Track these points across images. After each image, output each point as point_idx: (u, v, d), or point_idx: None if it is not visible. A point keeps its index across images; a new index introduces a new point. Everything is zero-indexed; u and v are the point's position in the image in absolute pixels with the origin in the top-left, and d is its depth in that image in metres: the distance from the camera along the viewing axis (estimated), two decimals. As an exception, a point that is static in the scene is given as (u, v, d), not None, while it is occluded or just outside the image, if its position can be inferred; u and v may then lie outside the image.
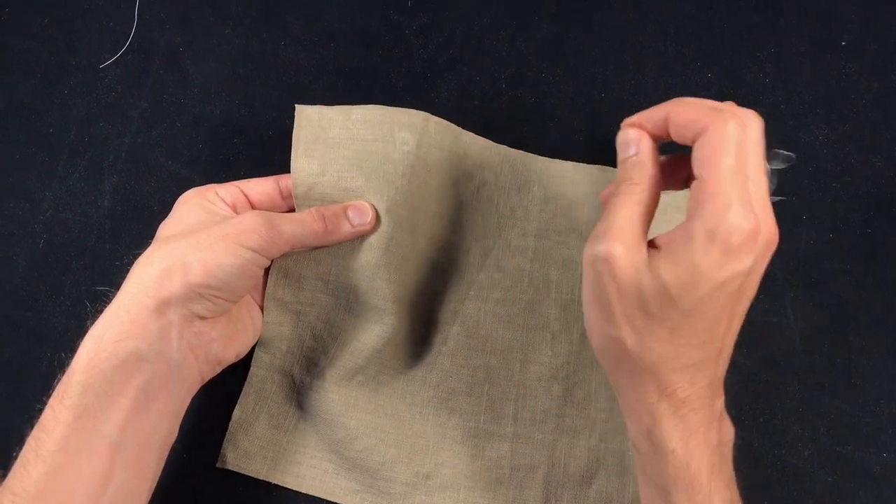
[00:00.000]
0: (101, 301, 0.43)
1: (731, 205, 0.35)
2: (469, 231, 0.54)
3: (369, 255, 0.49)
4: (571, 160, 0.57)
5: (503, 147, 0.57)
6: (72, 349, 0.41)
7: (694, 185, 0.36)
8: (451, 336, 0.53)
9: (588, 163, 0.57)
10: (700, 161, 0.36)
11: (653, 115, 0.40)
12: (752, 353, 0.52)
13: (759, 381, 0.52)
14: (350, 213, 0.48)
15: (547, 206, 0.56)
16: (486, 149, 0.56)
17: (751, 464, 0.50)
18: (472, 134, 0.55)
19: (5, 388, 0.54)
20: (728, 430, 0.40)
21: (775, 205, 0.37)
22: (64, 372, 0.41)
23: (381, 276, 0.49)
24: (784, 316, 0.53)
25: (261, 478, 0.50)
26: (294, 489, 0.50)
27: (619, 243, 0.37)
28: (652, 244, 0.38)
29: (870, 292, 0.54)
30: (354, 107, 0.50)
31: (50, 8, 0.66)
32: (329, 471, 0.50)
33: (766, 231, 0.35)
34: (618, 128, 0.58)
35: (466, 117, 0.55)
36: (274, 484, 0.50)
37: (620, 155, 0.41)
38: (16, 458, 0.40)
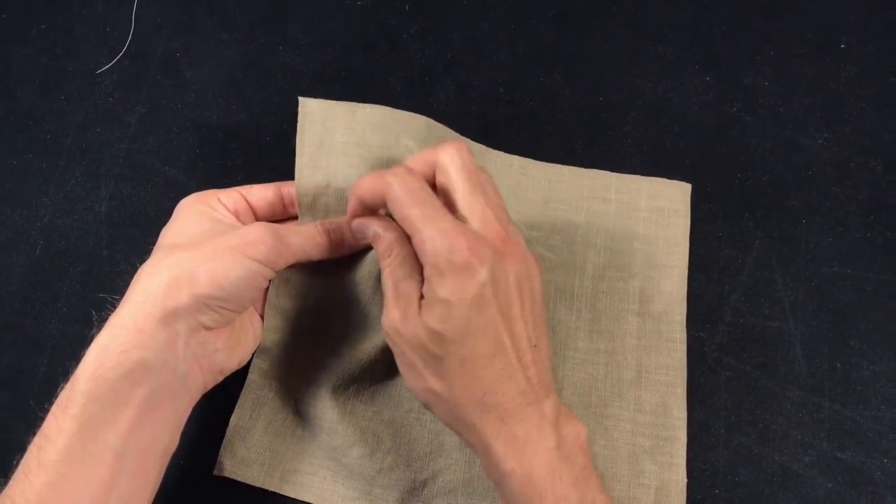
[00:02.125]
0: (104, 308, 0.42)
1: (437, 236, 0.38)
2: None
3: (371, 266, 0.48)
4: (570, 165, 0.57)
5: (501, 153, 0.57)
6: (69, 356, 0.41)
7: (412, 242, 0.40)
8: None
9: (586, 167, 0.57)
10: (402, 226, 0.41)
11: (353, 203, 0.44)
12: (752, 357, 0.52)
13: (759, 386, 0.51)
14: (352, 227, 0.48)
15: (546, 211, 0.55)
16: (485, 156, 0.56)
17: (751, 469, 0.50)
18: (470, 140, 0.55)
19: (3, 394, 0.54)
20: (572, 429, 0.41)
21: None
22: (67, 380, 0.41)
23: (381, 286, 0.49)
24: (784, 320, 0.53)
25: (258, 485, 0.50)
26: (291, 496, 0.50)
27: (396, 312, 0.41)
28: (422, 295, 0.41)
29: (870, 297, 0.53)
30: (359, 105, 0.50)
31: (47, 14, 0.66)
32: (327, 478, 0.50)
33: (490, 239, 0.40)
34: (618, 132, 0.59)
35: (465, 122, 0.55)
36: (271, 491, 0.50)
37: (365, 241, 0.46)
38: (16, 465, 0.40)
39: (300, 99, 0.49)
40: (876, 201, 0.56)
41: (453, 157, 0.41)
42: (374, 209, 0.44)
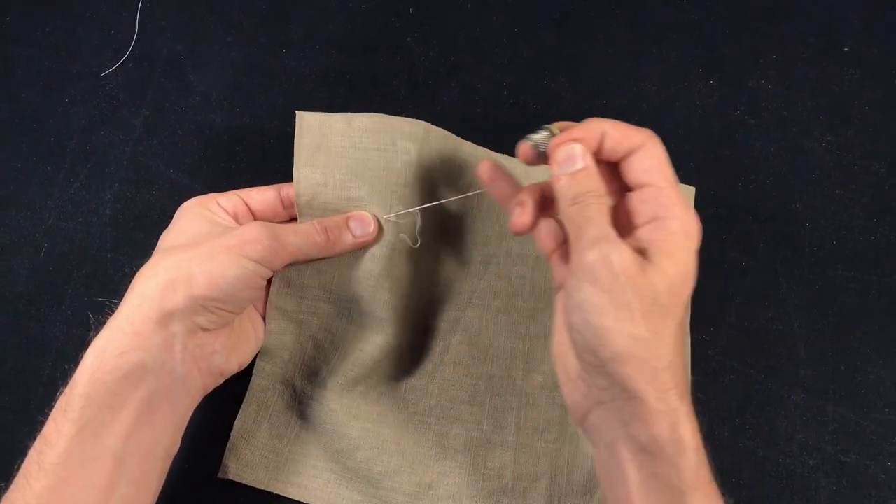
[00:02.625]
0: (103, 312, 0.42)
1: (688, 207, 0.39)
2: (470, 239, 0.54)
3: (371, 265, 0.48)
4: (574, 168, 0.57)
5: (503, 156, 0.57)
6: (73, 359, 0.41)
7: (649, 191, 0.39)
8: (452, 345, 0.53)
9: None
10: (647, 170, 0.40)
11: (587, 131, 0.40)
12: (757, 361, 0.52)
13: (764, 389, 0.51)
14: (352, 224, 0.48)
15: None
16: (486, 158, 0.56)
17: (755, 472, 0.50)
18: (471, 143, 0.55)
19: (6, 397, 0.54)
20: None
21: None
22: (66, 384, 0.41)
23: (382, 286, 0.49)
24: (788, 324, 0.53)
25: (262, 488, 0.50)
26: (296, 499, 0.50)
27: (623, 244, 0.37)
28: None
29: (874, 300, 0.54)
30: (356, 114, 0.50)
31: (51, 16, 0.67)
32: (331, 481, 0.50)
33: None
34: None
35: (468, 124, 0.55)
36: (276, 494, 0.50)
37: (567, 168, 0.40)
38: (17, 470, 0.40)
39: (298, 113, 0.50)
40: (879, 204, 0.56)
41: (658, 146, 0.41)
42: (597, 154, 0.41)
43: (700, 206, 0.56)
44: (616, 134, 0.40)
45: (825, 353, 0.52)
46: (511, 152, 0.57)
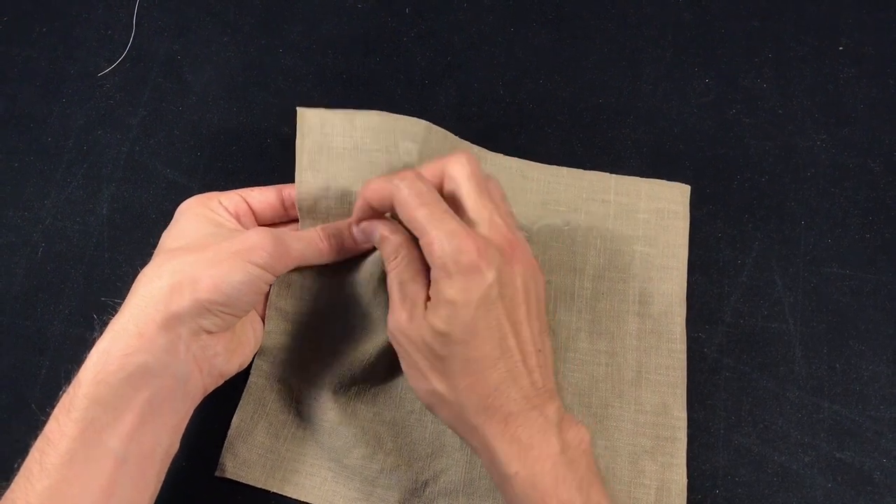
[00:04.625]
0: (107, 312, 0.43)
1: (446, 237, 0.39)
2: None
3: (372, 267, 0.49)
4: (569, 166, 0.57)
5: (500, 155, 0.57)
6: (71, 358, 0.41)
7: (420, 243, 0.41)
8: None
9: (585, 169, 0.57)
10: (409, 227, 0.41)
11: (360, 206, 0.44)
12: (752, 359, 0.52)
13: (759, 386, 0.52)
14: (354, 231, 0.48)
15: (545, 213, 0.56)
16: (483, 157, 0.56)
17: (750, 470, 0.50)
18: (468, 143, 0.55)
19: (4, 396, 0.54)
20: (575, 433, 0.41)
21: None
22: (69, 383, 0.41)
23: (382, 288, 0.49)
24: (783, 321, 0.53)
25: (259, 486, 0.50)
26: (293, 497, 0.50)
27: (398, 314, 0.41)
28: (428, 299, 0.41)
29: (869, 297, 0.54)
30: (357, 112, 0.50)
31: (48, 16, 0.67)
32: (328, 479, 0.50)
33: (497, 242, 0.40)
34: (617, 134, 0.59)
35: (465, 124, 0.55)
36: (272, 492, 0.50)
37: (371, 244, 0.46)
38: (17, 468, 0.40)
39: (298, 109, 0.50)
40: (875, 202, 0.56)
41: (462, 164, 0.42)
42: (381, 212, 0.44)
43: (695, 204, 0.56)
44: (373, 198, 0.43)
45: (820, 351, 0.52)
46: (507, 152, 0.57)
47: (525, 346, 0.40)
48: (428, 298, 0.41)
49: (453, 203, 0.42)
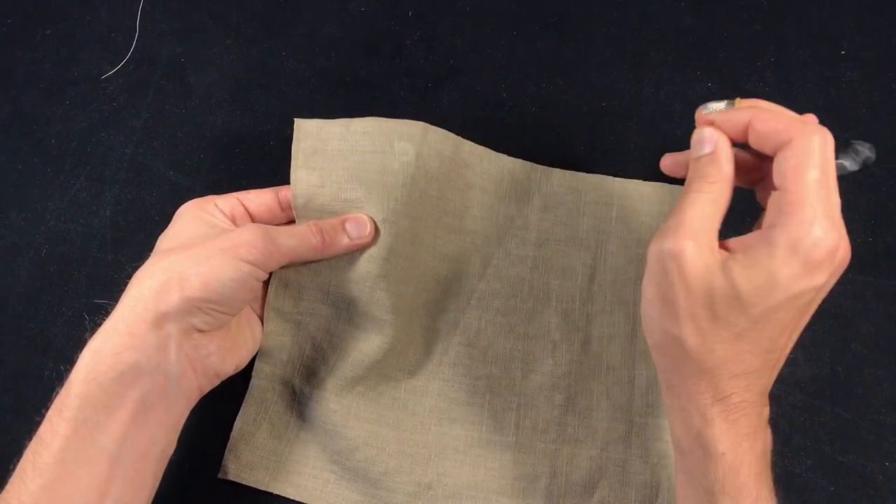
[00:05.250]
0: (100, 314, 0.43)
1: (816, 219, 0.35)
2: (469, 240, 0.54)
3: (369, 266, 0.49)
4: (571, 170, 0.57)
5: (503, 156, 0.57)
6: (73, 360, 0.41)
7: (776, 194, 0.36)
8: (451, 346, 0.53)
9: (588, 172, 0.57)
10: (784, 172, 0.36)
11: (732, 117, 0.39)
12: (754, 362, 0.52)
13: (761, 390, 0.52)
14: (348, 227, 0.48)
15: (546, 216, 0.56)
16: (486, 158, 0.56)
17: (753, 473, 0.50)
18: (472, 143, 0.55)
19: (6, 398, 0.54)
20: (770, 440, 0.40)
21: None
22: (62, 384, 0.41)
23: (381, 287, 0.49)
24: (785, 325, 0.53)
25: (262, 488, 0.50)
26: (295, 500, 0.50)
27: (690, 241, 0.37)
28: (724, 246, 0.38)
29: (871, 301, 0.54)
30: (354, 119, 0.50)
31: (52, 19, 0.67)
32: (331, 481, 0.50)
33: (844, 248, 0.36)
34: (620, 137, 0.59)
35: (467, 127, 0.55)
36: (275, 494, 0.50)
37: (694, 152, 0.40)
38: (12, 469, 0.40)
39: (296, 121, 0.50)
40: (876, 206, 0.56)
41: (824, 144, 0.36)
42: (734, 139, 0.40)
43: (698, 207, 0.56)
44: (763, 126, 0.38)
45: (823, 355, 0.52)
46: (509, 154, 0.57)
47: (785, 350, 0.39)
48: (724, 247, 0.38)
49: (788, 173, 0.36)
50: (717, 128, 0.40)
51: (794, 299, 0.36)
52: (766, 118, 0.38)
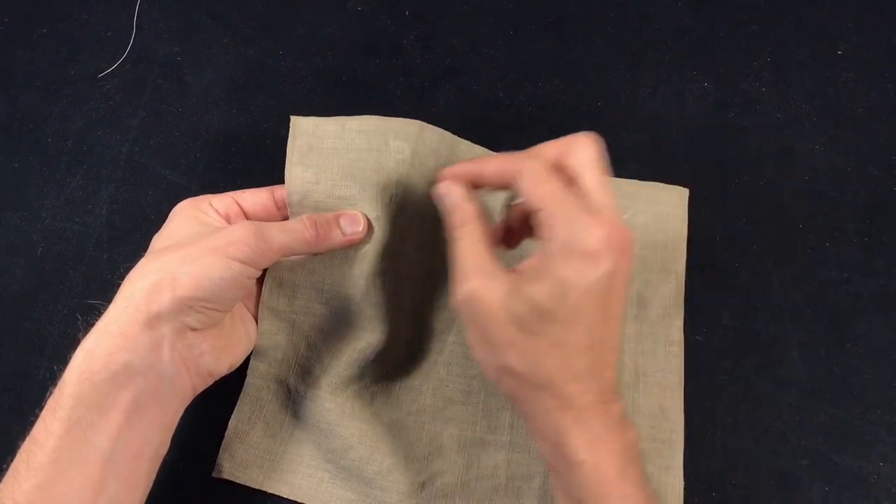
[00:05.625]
0: (92, 314, 0.43)
1: (571, 218, 0.38)
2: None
3: (363, 264, 0.49)
4: (568, 169, 0.57)
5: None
6: (68, 360, 0.41)
7: (537, 216, 0.40)
8: (447, 345, 0.53)
9: (585, 172, 0.57)
10: (528, 196, 0.40)
11: (459, 171, 0.44)
12: (750, 362, 0.52)
13: (757, 389, 0.52)
14: (342, 222, 0.48)
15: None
16: (486, 156, 0.56)
17: (748, 472, 0.50)
18: (468, 142, 0.55)
19: (2, 397, 0.54)
20: (632, 434, 0.41)
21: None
22: (56, 384, 0.41)
23: (375, 285, 0.49)
24: (781, 325, 0.53)
25: (256, 487, 0.50)
26: (290, 498, 0.50)
27: (474, 281, 0.40)
28: (514, 271, 0.40)
29: (867, 301, 0.54)
30: (349, 118, 0.50)
31: (49, 18, 0.67)
32: (325, 480, 0.50)
33: (618, 235, 0.38)
34: (617, 137, 0.59)
35: (464, 126, 0.55)
36: (270, 493, 0.50)
37: (442, 207, 0.45)
38: (6, 470, 0.40)
39: (292, 118, 0.50)
40: (873, 206, 0.56)
41: (589, 147, 0.41)
42: (475, 186, 0.44)
43: (694, 207, 0.56)
44: (490, 170, 0.43)
45: (818, 354, 0.52)
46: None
47: (611, 341, 0.40)
48: (511, 271, 0.40)
49: (571, 183, 0.41)
50: (453, 180, 0.44)
51: (590, 291, 0.38)
52: (488, 162, 0.43)
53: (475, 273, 0.40)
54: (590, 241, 0.37)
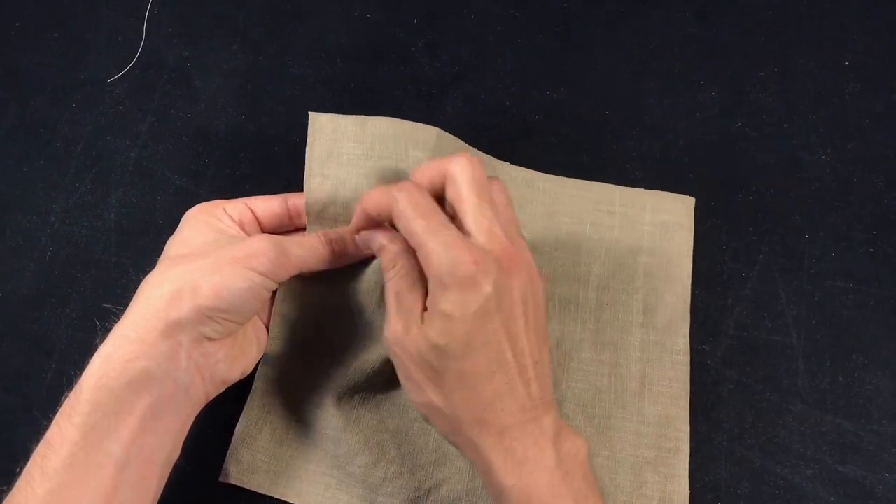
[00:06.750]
0: (108, 319, 0.43)
1: (435, 252, 0.38)
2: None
3: (376, 276, 0.49)
4: (575, 178, 0.57)
5: (506, 164, 0.57)
6: (77, 362, 0.42)
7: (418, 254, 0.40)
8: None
9: (591, 180, 0.57)
10: (407, 239, 0.41)
11: (359, 215, 0.45)
12: (755, 371, 0.52)
13: (762, 399, 0.52)
14: (357, 238, 0.48)
15: (549, 223, 0.56)
16: (489, 166, 0.56)
17: (753, 483, 0.50)
18: (476, 151, 0.55)
19: (10, 399, 0.54)
20: (571, 445, 0.41)
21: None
22: (72, 389, 0.41)
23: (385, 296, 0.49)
24: (787, 335, 0.53)
25: (263, 492, 0.50)
26: (296, 504, 0.51)
27: (399, 324, 0.41)
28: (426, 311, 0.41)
29: (872, 311, 0.54)
30: (368, 118, 0.50)
31: (59, 23, 0.67)
32: (331, 486, 0.50)
33: (495, 252, 0.39)
34: (623, 145, 0.59)
35: (471, 134, 0.56)
36: (276, 498, 0.50)
37: (375, 254, 0.46)
38: (19, 473, 0.40)
39: (311, 114, 0.50)
40: (878, 217, 0.56)
41: (464, 168, 0.41)
42: (380, 222, 0.44)
43: (700, 216, 0.56)
44: (370, 208, 0.43)
45: (823, 365, 0.52)
46: (513, 162, 0.58)
47: (522, 358, 0.40)
48: (425, 310, 0.41)
49: (452, 207, 0.41)
50: (362, 229, 0.45)
51: (478, 317, 0.38)
52: (365, 199, 0.44)
53: (398, 317, 0.41)
54: (461, 270, 0.38)
